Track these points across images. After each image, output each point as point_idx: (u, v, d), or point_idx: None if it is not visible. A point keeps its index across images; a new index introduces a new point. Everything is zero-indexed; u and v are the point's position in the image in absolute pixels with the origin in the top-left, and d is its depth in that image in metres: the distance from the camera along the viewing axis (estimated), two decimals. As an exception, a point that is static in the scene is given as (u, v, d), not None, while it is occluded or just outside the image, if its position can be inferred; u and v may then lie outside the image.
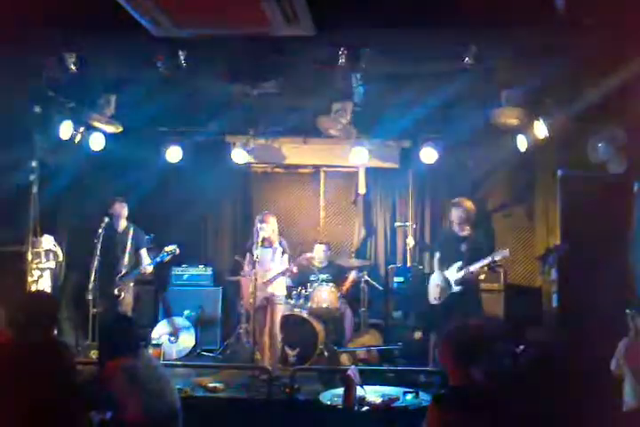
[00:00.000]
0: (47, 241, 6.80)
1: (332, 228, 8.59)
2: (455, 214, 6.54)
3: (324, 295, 7.17)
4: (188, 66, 5.41)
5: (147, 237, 7.08)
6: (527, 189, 8.02)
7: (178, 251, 6.79)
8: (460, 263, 6.35)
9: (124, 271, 6.71)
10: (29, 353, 3.36)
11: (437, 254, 6.78)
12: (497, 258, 6.42)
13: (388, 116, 7.08)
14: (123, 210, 6.92)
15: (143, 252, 6.90)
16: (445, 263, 6.52)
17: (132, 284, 6.79)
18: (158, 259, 6.81)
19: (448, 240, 6.63)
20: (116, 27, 4.75)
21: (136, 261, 6.85)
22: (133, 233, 6.88)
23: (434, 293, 6.56)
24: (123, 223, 6.94)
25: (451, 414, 2.84)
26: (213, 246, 8.62)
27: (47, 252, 6.76)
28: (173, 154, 7.68)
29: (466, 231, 6.54)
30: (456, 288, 6.33)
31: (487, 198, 8.21)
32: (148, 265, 6.79)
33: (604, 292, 5.61)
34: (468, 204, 6.52)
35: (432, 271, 6.88)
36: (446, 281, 6.41)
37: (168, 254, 6.76)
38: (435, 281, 6.59)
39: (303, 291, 7.38)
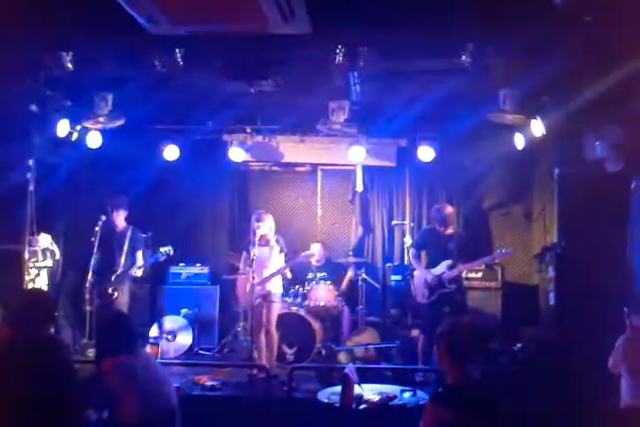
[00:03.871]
0: (44, 240, 6.79)
1: (330, 226, 8.58)
2: (436, 218, 6.63)
3: (322, 294, 7.18)
4: (185, 64, 5.40)
5: (143, 235, 7.05)
6: (525, 188, 8.05)
7: (172, 252, 6.86)
8: (449, 262, 6.35)
9: (118, 271, 6.67)
10: (27, 351, 3.34)
11: (414, 251, 6.73)
12: (497, 257, 6.47)
13: (385, 115, 7.09)
14: (121, 210, 6.90)
15: (139, 254, 6.84)
16: (434, 262, 6.48)
17: (127, 283, 6.77)
18: (152, 259, 6.82)
19: (434, 239, 6.59)
20: (113, 25, 4.73)
21: (132, 262, 6.82)
22: (131, 234, 6.85)
23: (422, 292, 6.47)
24: (121, 223, 6.91)
25: (448, 412, 2.85)
26: (211, 245, 8.58)
27: (44, 250, 6.75)
28: (171, 152, 7.69)
29: (450, 230, 6.57)
30: (449, 287, 6.31)
31: (484, 197, 8.23)
32: (137, 268, 6.70)
33: (600, 290, 5.62)
34: (449, 209, 6.62)
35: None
36: (437, 280, 6.35)
37: (163, 255, 6.81)
38: (421, 280, 6.49)
39: (300, 289, 7.38)
